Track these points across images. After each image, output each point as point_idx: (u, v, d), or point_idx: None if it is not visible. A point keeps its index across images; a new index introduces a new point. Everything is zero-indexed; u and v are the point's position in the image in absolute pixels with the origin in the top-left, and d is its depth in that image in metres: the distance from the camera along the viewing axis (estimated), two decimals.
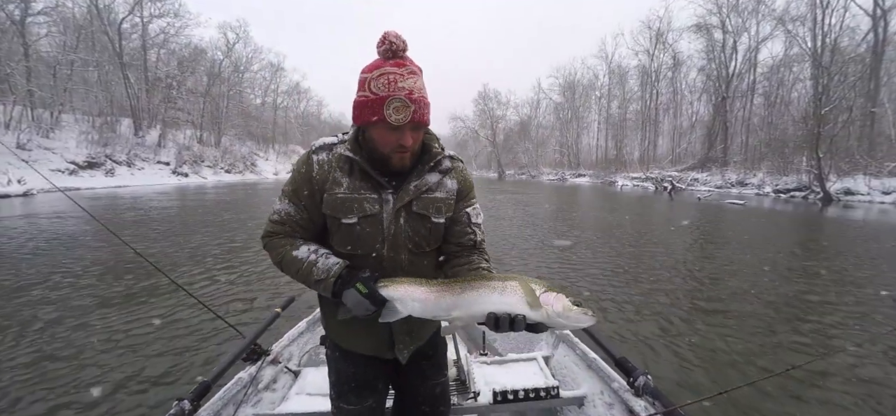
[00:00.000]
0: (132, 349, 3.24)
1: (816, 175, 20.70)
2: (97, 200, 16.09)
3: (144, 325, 3.72)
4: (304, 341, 2.29)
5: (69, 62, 29.16)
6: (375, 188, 0.99)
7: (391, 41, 0.91)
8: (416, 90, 0.91)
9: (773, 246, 8.04)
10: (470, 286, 0.95)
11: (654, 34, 41.32)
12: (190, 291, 2.19)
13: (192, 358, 3.12)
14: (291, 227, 1.03)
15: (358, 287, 0.93)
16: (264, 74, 54.06)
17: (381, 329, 1.06)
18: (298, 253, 0.99)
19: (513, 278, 0.92)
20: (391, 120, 0.89)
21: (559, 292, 0.90)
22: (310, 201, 1.00)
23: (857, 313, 4.38)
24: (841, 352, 3.21)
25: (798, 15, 27.87)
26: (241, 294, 4.70)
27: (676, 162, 38.34)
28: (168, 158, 33.52)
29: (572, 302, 0.88)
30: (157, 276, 4.52)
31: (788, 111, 28.68)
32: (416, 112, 0.90)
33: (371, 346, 1.10)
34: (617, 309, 4.33)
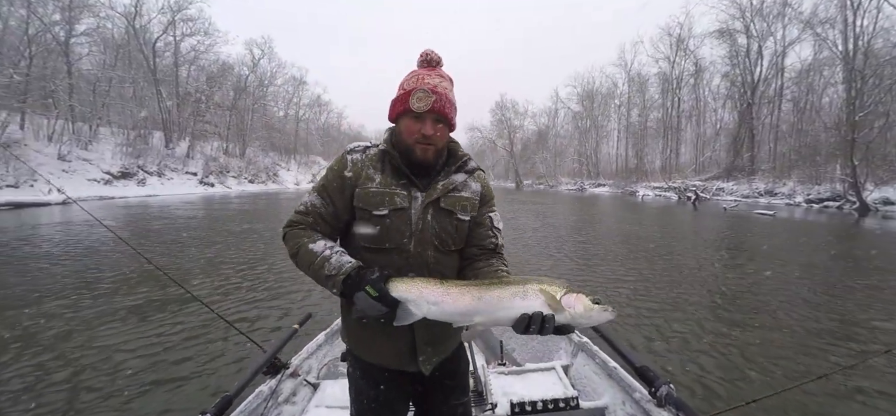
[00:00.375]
0: (155, 362, 3.29)
1: (852, 184, 19.72)
2: (128, 209, 16.90)
3: (165, 337, 3.76)
4: (323, 354, 2.30)
5: (108, 79, 30.99)
6: (406, 185, 1.04)
7: (427, 53, 1.08)
8: (441, 87, 1.02)
9: (807, 259, 7.63)
10: (491, 289, 0.94)
11: (675, 41, 40.58)
12: (210, 304, 2.27)
13: (214, 371, 3.17)
14: (315, 218, 1.06)
15: (367, 290, 0.91)
16: (287, 88, 55.94)
17: (402, 338, 1.05)
18: (314, 247, 1.00)
19: (532, 280, 0.92)
20: (414, 107, 0.99)
21: (578, 292, 0.91)
22: (339, 196, 1.05)
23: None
24: (876, 357, 3.01)
25: (827, 17, 26.84)
26: (261, 308, 4.71)
27: (700, 171, 37.21)
28: (196, 168, 34.92)
29: (592, 300, 0.89)
30: (176, 286, 4.75)
31: (819, 117, 27.50)
32: (436, 102, 0.99)
33: (392, 356, 1.08)
34: (640, 318, 4.23)
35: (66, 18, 27.48)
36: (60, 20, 27.31)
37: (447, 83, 1.05)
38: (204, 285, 5.55)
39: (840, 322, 4.25)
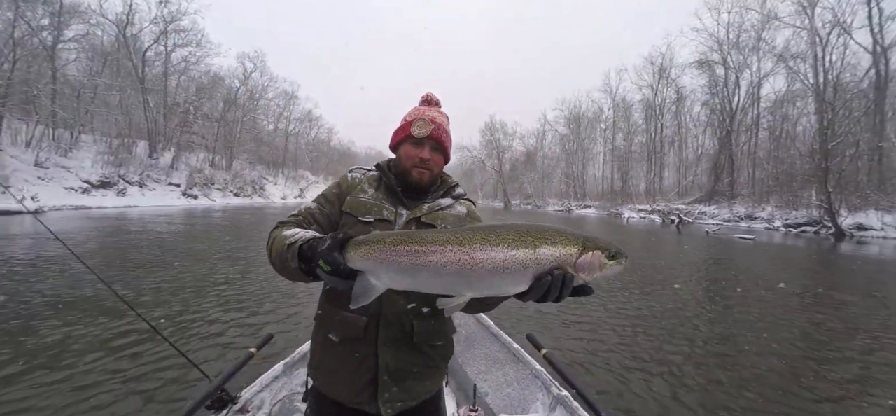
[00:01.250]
0: (78, 389, 2.86)
1: (827, 210, 20.41)
2: (104, 220, 16.33)
3: (100, 361, 3.30)
4: (279, 387, 1.98)
5: (93, 86, 30.50)
6: (395, 203, 1.10)
7: (428, 94, 1.22)
8: (439, 120, 1.13)
9: (794, 290, 7.30)
10: (488, 246, 0.77)
11: (657, 70, 42.30)
12: (153, 323, 1.99)
13: (151, 403, 2.72)
14: (305, 217, 1.09)
15: (321, 264, 0.83)
16: (278, 102, 56.01)
17: (363, 367, 1.00)
18: (288, 231, 0.98)
19: (535, 232, 0.79)
20: (415, 133, 1.09)
21: (594, 248, 0.81)
22: (335, 201, 1.12)
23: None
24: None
25: (798, 52, 28.42)
26: (219, 330, 4.16)
27: (683, 195, 38.14)
28: (179, 179, 34.24)
29: (608, 256, 0.81)
30: (121, 304, 3.96)
31: (794, 145, 28.66)
32: (435, 130, 1.10)
33: (350, 391, 1.02)
34: (628, 362, 3.73)
35: (54, 24, 27.18)
36: (49, 25, 26.99)
37: (444, 119, 1.17)
38: (159, 305, 4.90)
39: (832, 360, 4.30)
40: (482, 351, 2.49)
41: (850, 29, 25.64)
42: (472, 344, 2.57)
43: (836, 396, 3.25)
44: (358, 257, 0.83)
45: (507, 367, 2.28)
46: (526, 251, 0.78)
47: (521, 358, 2.25)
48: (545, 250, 0.78)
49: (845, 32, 25.86)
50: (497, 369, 2.29)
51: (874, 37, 24.66)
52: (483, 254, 0.77)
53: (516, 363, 2.27)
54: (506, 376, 2.22)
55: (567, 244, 0.80)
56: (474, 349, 2.52)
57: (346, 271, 0.83)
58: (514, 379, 2.17)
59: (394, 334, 1.02)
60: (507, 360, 2.33)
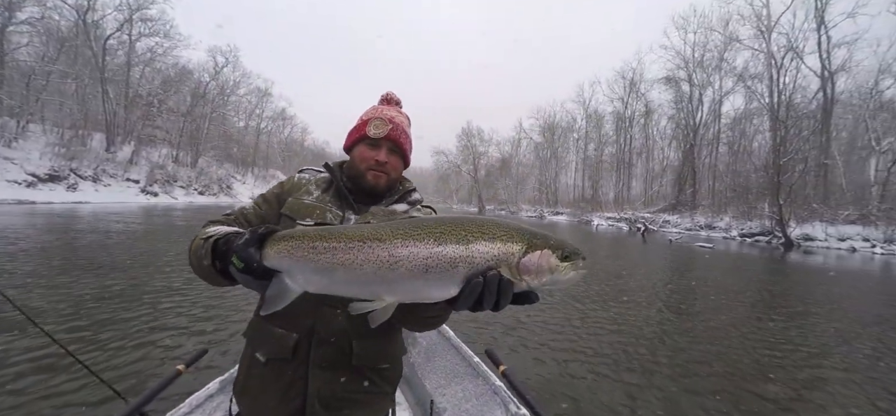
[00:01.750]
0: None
1: (778, 221, 21.67)
2: (50, 218, 15.22)
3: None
4: (212, 408, 1.76)
5: (46, 73, 28.56)
6: (343, 207, 1.00)
7: (389, 93, 1.12)
8: (398, 120, 1.03)
9: (748, 300, 7.61)
10: (412, 240, 0.66)
11: (628, 83, 44.02)
12: (57, 337, 1.73)
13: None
14: (237, 217, 0.99)
15: (234, 261, 0.72)
16: (250, 99, 54.28)
17: (291, 389, 0.88)
18: (212, 228, 0.88)
19: (472, 226, 0.67)
20: (370, 133, 0.99)
21: (543, 247, 0.68)
22: (274, 202, 1.02)
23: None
24: None
25: (756, 73, 30.30)
26: (147, 345, 3.70)
27: (649, 204, 39.65)
28: (138, 175, 32.50)
29: (560, 256, 0.68)
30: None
31: (751, 160, 30.39)
32: (393, 131, 1.00)
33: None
34: (589, 380, 3.61)
35: (5, 4, 25.32)
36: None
37: (404, 119, 1.07)
38: (78, 315, 4.32)
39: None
40: (441, 364, 2.39)
41: (802, 54, 27.59)
42: (431, 356, 2.47)
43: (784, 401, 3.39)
44: (274, 253, 0.72)
45: (467, 382, 2.19)
46: (456, 247, 0.65)
47: (481, 373, 2.17)
48: (480, 246, 0.65)
49: (798, 57, 27.78)
50: (456, 383, 2.21)
51: (822, 62, 26.63)
52: (404, 250, 0.65)
53: (476, 377, 2.18)
54: (465, 391, 2.13)
55: (508, 240, 0.67)
56: (434, 362, 2.42)
57: (259, 269, 0.71)
58: (473, 395, 2.08)
59: (328, 354, 0.90)
60: (466, 374, 2.23)
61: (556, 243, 0.69)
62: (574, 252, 0.70)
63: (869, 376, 3.94)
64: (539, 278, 0.67)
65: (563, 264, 0.68)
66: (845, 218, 21.47)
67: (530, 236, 0.69)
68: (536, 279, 0.67)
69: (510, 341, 4.45)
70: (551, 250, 0.68)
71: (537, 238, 0.69)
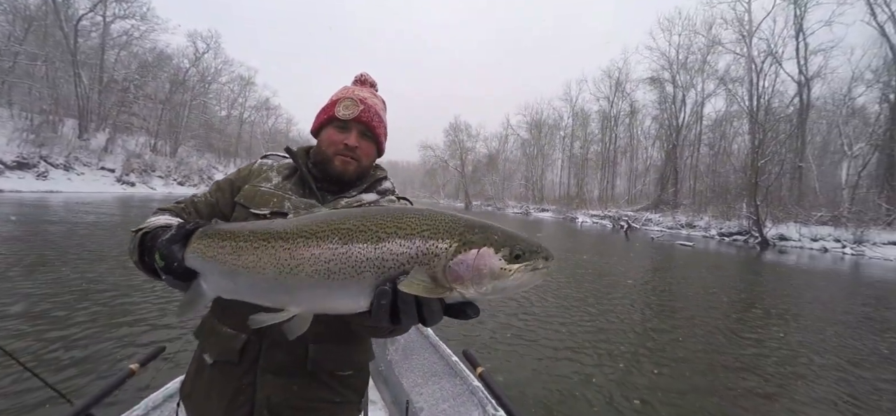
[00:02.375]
0: None
1: (755, 221, 22.40)
2: (12, 207, 14.43)
3: None
4: (170, 411, 1.63)
5: (13, 54, 27.06)
6: (305, 195, 0.91)
7: (362, 73, 1.02)
8: (371, 102, 0.94)
9: (727, 297, 7.95)
10: (317, 234, 0.56)
11: (614, 83, 44.62)
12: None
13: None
14: (186, 206, 0.92)
15: (156, 258, 0.68)
16: (233, 87, 52.73)
17: (236, 405, 0.79)
18: (153, 218, 0.82)
19: (398, 221, 0.55)
20: (339, 114, 0.90)
21: (484, 244, 0.53)
22: (227, 189, 0.94)
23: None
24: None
25: (737, 76, 31.11)
26: (100, 344, 3.42)
27: (632, 202, 40.43)
28: (114, 164, 31.24)
29: (507, 257, 0.53)
30: None
31: (730, 161, 31.29)
32: (364, 112, 0.91)
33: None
34: (567, 382, 3.58)
35: None
36: None
37: (379, 102, 0.98)
38: (26, 313, 4.05)
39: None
40: (419, 362, 2.36)
41: (781, 59, 28.45)
42: (409, 355, 2.44)
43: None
44: (190, 253, 0.66)
45: (444, 381, 2.17)
46: (364, 247, 0.53)
47: (458, 372, 2.15)
48: (393, 244, 0.53)
49: (777, 62, 28.65)
50: (433, 382, 2.18)
51: (800, 68, 27.53)
52: (307, 251, 0.55)
53: (454, 377, 2.16)
54: (442, 390, 2.11)
55: (432, 236, 0.53)
56: (411, 360, 2.39)
57: (180, 269, 0.66)
58: (451, 395, 2.06)
59: (279, 358, 0.81)
60: (444, 373, 2.21)
61: (503, 239, 0.54)
62: (529, 250, 0.54)
63: (837, 373, 4.10)
64: (477, 286, 0.52)
65: (512, 266, 0.53)
66: (818, 219, 22.35)
67: (464, 230, 0.54)
68: (474, 287, 0.52)
69: (488, 339, 4.44)
70: (494, 247, 0.53)
71: (474, 232, 0.54)
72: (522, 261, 0.53)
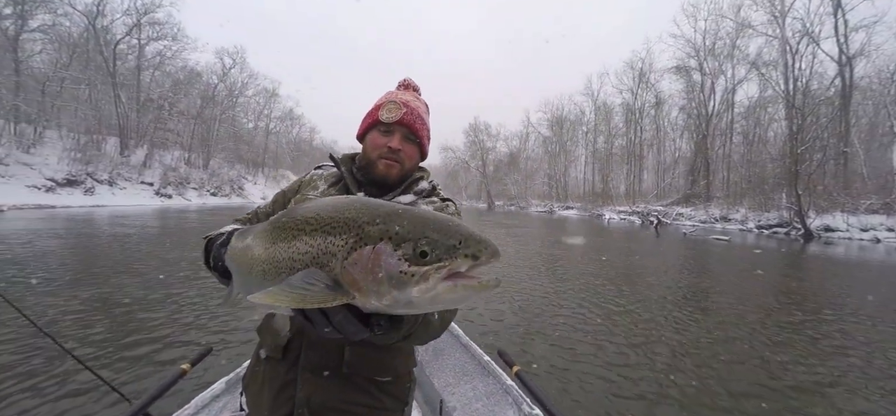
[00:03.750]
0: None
1: (796, 212, 21.21)
2: (64, 221, 15.46)
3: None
4: (218, 409, 1.70)
5: (60, 79, 29.06)
6: None
7: (406, 79, 1.05)
8: (414, 106, 0.96)
9: (771, 294, 7.60)
10: (267, 234, 0.56)
11: (637, 74, 43.33)
12: (59, 339, 1.68)
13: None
14: (252, 217, 1.01)
15: (209, 259, 0.77)
16: (258, 100, 54.70)
17: (280, 401, 0.83)
18: (225, 227, 0.89)
19: (314, 215, 0.50)
20: (382, 117, 0.92)
21: (381, 237, 0.43)
22: (280, 201, 1.00)
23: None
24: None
25: (770, 60, 29.54)
26: (152, 346, 3.57)
27: (661, 196, 39.12)
28: (152, 178, 32.99)
29: (409, 256, 0.41)
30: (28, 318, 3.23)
31: (766, 149, 29.77)
32: (407, 115, 0.93)
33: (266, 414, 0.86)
34: (608, 381, 3.47)
35: (18, 12, 25.78)
36: (11, 14, 25.59)
37: (422, 105, 1.00)
38: (85, 317, 4.25)
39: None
40: (450, 362, 2.36)
41: (818, 39, 26.83)
42: (440, 354, 2.46)
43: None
44: (227, 254, 0.71)
45: (477, 380, 2.17)
46: (283, 247, 0.50)
47: (491, 372, 2.15)
48: (302, 243, 0.48)
49: (814, 42, 27.04)
50: (466, 382, 2.19)
51: (840, 47, 25.86)
52: (259, 251, 0.55)
53: (486, 376, 2.16)
54: (475, 390, 2.11)
55: (331, 231, 0.46)
56: (442, 360, 2.40)
57: (221, 268, 0.74)
58: (484, 394, 2.06)
59: (317, 359, 0.82)
60: (476, 373, 2.21)
61: (408, 230, 0.42)
62: (444, 246, 0.41)
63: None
64: (377, 295, 0.41)
65: (416, 269, 0.40)
66: (868, 207, 20.93)
67: (366, 222, 0.44)
68: (375, 296, 0.41)
69: (523, 340, 4.38)
70: (393, 242, 0.41)
71: (376, 223, 0.44)
72: (431, 263, 0.40)
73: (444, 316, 0.73)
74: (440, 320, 0.72)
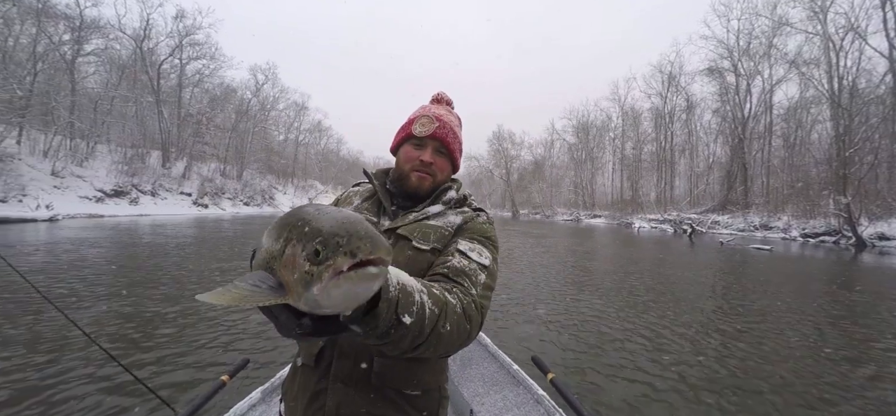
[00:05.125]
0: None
1: (846, 219, 19.78)
2: (110, 230, 16.50)
3: (43, 393, 2.88)
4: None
5: (110, 98, 31.39)
6: (378, 214, 0.98)
7: (440, 93, 1.08)
8: (446, 120, 0.98)
9: (823, 309, 7.14)
10: (266, 235, 0.57)
11: (667, 77, 41.94)
12: (108, 348, 1.77)
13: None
14: None
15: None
16: (289, 113, 56.99)
17: (313, 409, 0.85)
18: None
19: (278, 223, 0.53)
20: (415, 131, 0.95)
21: (293, 238, 0.47)
22: None
23: None
24: None
25: (811, 58, 27.89)
26: (191, 355, 3.69)
27: (695, 204, 37.47)
28: (190, 189, 34.81)
29: (310, 256, 0.44)
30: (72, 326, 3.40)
31: (810, 153, 28.02)
32: (439, 129, 0.95)
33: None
34: (647, 389, 3.37)
35: (75, 38, 28.13)
36: (69, 40, 27.95)
37: (454, 119, 1.02)
38: (125, 323, 4.41)
39: None
40: (478, 371, 2.34)
41: (866, 34, 25.13)
42: (468, 364, 2.44)
43: None
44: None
45: (507, 390, 2.13)
46: (262, 250, 0.53)
47: (521, 381, 2.11)
48: (265, 245, 0.52)
49: (860, 37, 25.35)
50: (495, 392, 2.15)
51: (890, 41, 24.10)
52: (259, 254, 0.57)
53: (516, 386, 2.12)
54: (505, 400, 2.08)
55: (278, 236, 0.49)
56: (470, 369, 2.38)
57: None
58: (514, 404, 2.03)
59: (347, 368, 0.83)
60: (506, 382, 2.18)
61: (311, 232, 0.45)
62: (332, 245, 0.43)
63: None
64: (296, 295, 0.44)
65: (314, 268, 0.43)
66: None
67: (287, 226, 0.49)
68: (298, 296, 0.44)
69: (556, 349, 4.25)
70: (301, 244, 0.44)
71: (294, 227, 0.47)
72: (322, 262, 0.43)
73: (460, 325, 0.69)
74: (455, 330, 0.68)
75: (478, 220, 0.96)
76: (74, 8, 27.79)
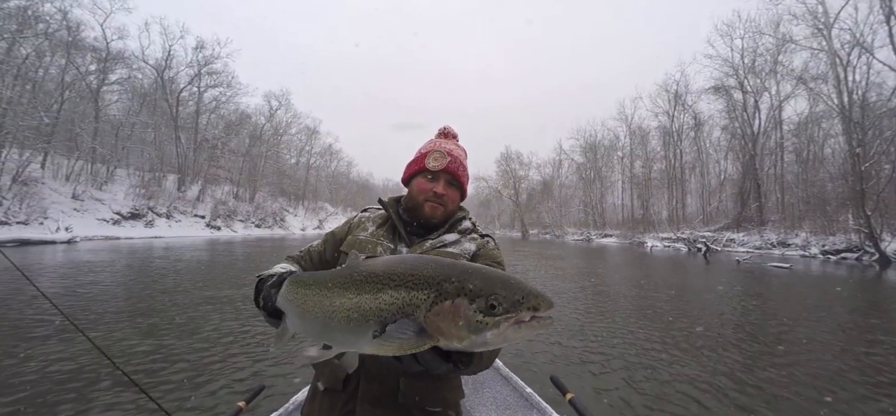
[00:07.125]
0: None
1: (867, 235, 19.24)
2: (122, 252, 16.73)
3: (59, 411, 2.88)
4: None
5: (131, 124, 32.58)
6: (394, 240, 1.05)
7: (446, 127, 1.16)
8: (456, 153, 1.07)
9: (851, 330, 6.76)
10: (347, 284, 0.65)
11: (672, 96, 42.02)
12: (129, 373, 1.78)
13: None
14: (304, 254, 1.10)
15: (259, 299, 0.85)
16: (301, 137, 58.29)
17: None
18: (275, 266, 1.00)
19: (393, 273, 0.62)
20: (429, 165, 1.03)
21: (458, 294, 0.55)
22: (330, 241, 1.10)
23: None
24: None
25: (818, 73, 27.78)
26: (207, 381, 3.66)
27: (708, 222, 36.85)
28: (204, 211, 35.48)
29: (482, 309, 0.54)
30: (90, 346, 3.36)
31: (824, 167, 27.56)
32: (451, 163, 1.04)
33: None
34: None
35: (101, 68, 29.51)
36: (95, 70, 29.33)
37: (462, 153, 1.11)
38: (141, 348, 4.40)
39: None
40: (491, 395, 2.31)
41: (872, 48, 25.04)
42: (480, 387, 2.41)
43: None
44: (279, 296, 0.80)
45: (519, 414, 2.12)
46: (369, 297, 0.61)
47: (535, 404, 2.08)
48: (387, 295, 0.59)
49: (866, 51, 25.26)
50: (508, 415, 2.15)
51: None
52: (339, 299, 0.64)
53: (530, 409, 2.10)
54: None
55: (414, 287, 0.58)
56: (482, 394, 2.35)
57: (271, 308, 0.81)
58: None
59: (375, 390, 0.91)
60: (519, 406, 2.16)
61: (480, 288, 0.55)
62: (509, 301, 0.53)
63: None
64: (456, 338, 0.54)
65: (488, 319, 0.53)
66: None
67: (443, 280, 0.56)
68: (456, 339, 0.54)
69: (575, 368, 4.15)
70: (468, 298, 0.54)
71: (451, 281, 0.56)
72: (498, 315, 0.53)
73: (494, 351, 0.79)
74: (490, 353, 0.80)
75: (488, 247, 1.06)
76: (101, 41, 29.33)
